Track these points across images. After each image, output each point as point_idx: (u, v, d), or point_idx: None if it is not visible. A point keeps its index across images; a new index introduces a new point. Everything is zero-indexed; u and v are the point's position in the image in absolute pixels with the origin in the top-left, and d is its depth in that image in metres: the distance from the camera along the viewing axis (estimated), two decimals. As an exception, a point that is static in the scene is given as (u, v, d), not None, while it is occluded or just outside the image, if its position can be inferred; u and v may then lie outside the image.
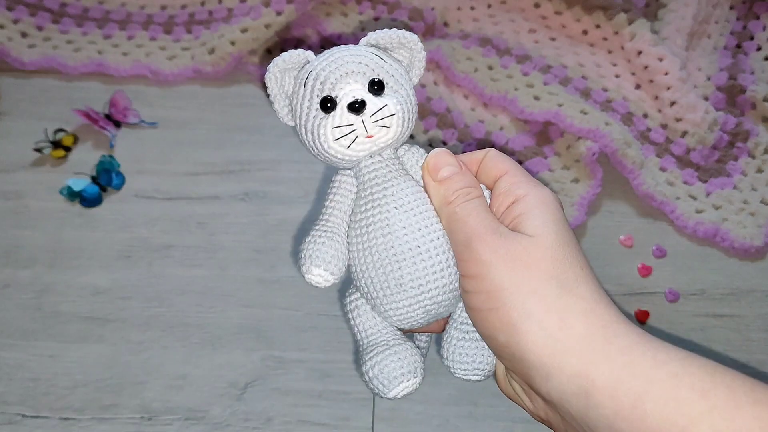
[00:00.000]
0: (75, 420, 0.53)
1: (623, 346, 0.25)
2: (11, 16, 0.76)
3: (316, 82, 0.30)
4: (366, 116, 0.29)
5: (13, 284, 0.59)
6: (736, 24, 0.82)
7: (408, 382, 0.31)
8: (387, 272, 0.30)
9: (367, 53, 0.31)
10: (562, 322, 0.26)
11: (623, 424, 0.24)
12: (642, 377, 0.24)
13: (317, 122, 0.30)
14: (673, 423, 0.23)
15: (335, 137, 0.29)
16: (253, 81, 0.75)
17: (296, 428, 0.53)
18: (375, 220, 0.31)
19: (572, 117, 0.68)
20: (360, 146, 0.30)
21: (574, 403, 0.25)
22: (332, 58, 0.31)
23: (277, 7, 0.75)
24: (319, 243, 0.31)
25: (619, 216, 0.67)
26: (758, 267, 0.63)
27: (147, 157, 0.68)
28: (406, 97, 0.30)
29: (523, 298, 0.27)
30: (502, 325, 0.27)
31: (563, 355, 0.26)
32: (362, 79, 0.30)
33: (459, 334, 0.32)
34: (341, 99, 0.29)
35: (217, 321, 0.58)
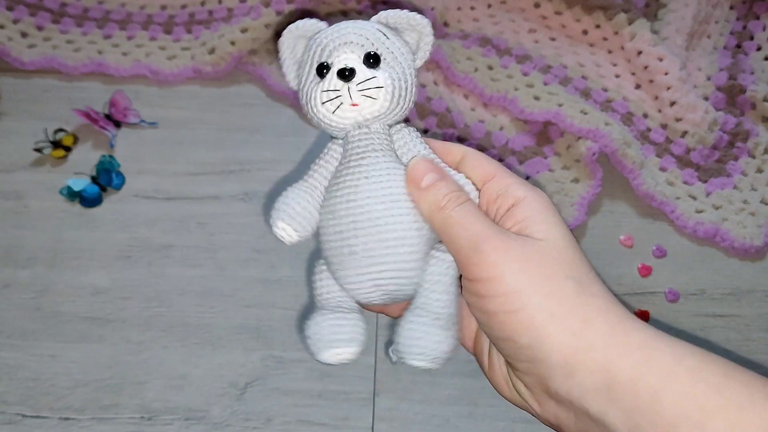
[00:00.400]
0: (75, 420, 0.53)
1: (642, 341, 0.26)
2: (11, 16, 0.76)
3: (317, 48, 0.31)
4: (353, 84, 0.30)
5: (13, 284, 0.59)
6: (736, 24, 0.82)
7: (341, 349, 0.31)
8: (343, 238, 0.31)
9: (371, 28, 0.31)
10: (584, 321, 0.26)
11: (641, 418, 0.24)
12: (661, 372, 0.25)
13: (312, 86, 0.31)
14: (689, 417, 0.23)
15: (323, 100, 0.30)
16: (253, 81, 0.75)
17: (296, 428, 0.53)
18: (343, 186, 0.31)
19: (572, 117, 0.68)
20: (345, 113, 0.30)
21: (594, 399, 0.25)
22: (337, 28, 0.31)
23: (277, 7, 0.75)
24: (290, 198, 0.32)
25: (619, 216, 0.67)
26: (758, 267, 0.63)
27: (147, 157, 0.68)
28: (401, 74, 0.31)
29: (544, 298, 0.27)
30: (524, 327, 0.27)
31: (586, 352, 0.26)
32: (358, 50, 0.30)
33: (410, 316, 0.31)
34: (334, 65, 0.30)
35: (217, 321, 0.58)
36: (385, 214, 0.30)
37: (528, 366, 0.28)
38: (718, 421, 0.23)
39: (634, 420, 0.24)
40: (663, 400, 0.24)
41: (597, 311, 0.27)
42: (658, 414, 0.24)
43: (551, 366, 0.26)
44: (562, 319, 0.26)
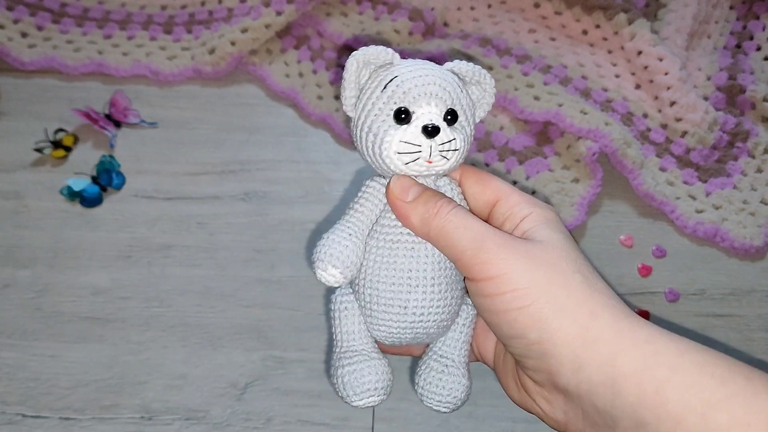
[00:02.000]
0: (75, 420, 0.53)
1: (647, 336, 0.26)
2: (11, 16, 0.76)
3: (398, 90, 0.30)
4: (435, 143, 0.29)
5: (13, 284, 0.59)
6: (736, 24, 0.82)
7: (375, 397, 0.32)
8: (396, 291, 0.31)
9: (452, 80, 0.30)
10: (592, 314, 0.27)
11: (646, 411, 0.24)
12: (666, 365, 0.25)
13: (385, 128, 0.30)
14: (693, 408, 0.24)
15: (399, 150, 0.29)
16: (253, 81, 0.75)
17: (296, 428, 0.53)
18: (403, 239, 0.31)
19: (572, 117, 0.68)
20: (416, 167, 0.30)
21: (602, 393, 0.26)
22: (419, 72, 0.30)
23: (277, 7, 0.75)
24: (341, 244, 0.31)
25: (619, 216, 0.67)
26: (758, 267, 0.63)
27: (147, 157, 0.68)
28: (469, 135, 0.31)
29: (552, 293, 0.27)
30: (533, 322, 0.27)
31: (594, 344, 0.26)
32: (442, 104, 0.30)
33: (437, 366, 0.33)
34: (417, 117, 0.29)
35: (217, 321, 0.58)
36: (440, 275, 0.31)
37: (537, 362, 0.28)
38: (722, 413, 0.23)
39: (639, 414, 0.25)
40: (667, 393, 0.24)
41: (603, 306, 0.27)
42: (662, 407, 0.24)
43: (560, 360, 0.27)
44: (570, 312, 0.27)
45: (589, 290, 0.27)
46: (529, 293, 0.27)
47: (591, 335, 0.26)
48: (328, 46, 0.77)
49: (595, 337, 0.26)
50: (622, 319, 0.27)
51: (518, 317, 0.27)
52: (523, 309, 0.27)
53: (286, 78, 0.74)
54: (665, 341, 0.26)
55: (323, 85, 0.74)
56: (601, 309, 0.27)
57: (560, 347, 0.27)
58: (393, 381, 0.33)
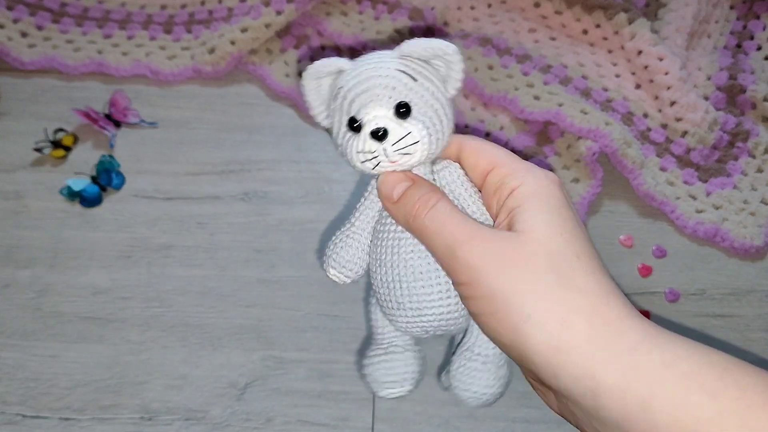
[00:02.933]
0: (75, 420, 0.53)
1: (629, 346, 0.24)
2: (11, 15, 0.76)
3: (345, 100, 0.30)
4: (387, 145, 0.29)
5: (13, 284, 0.59)
6: (736, 24, 0.82)
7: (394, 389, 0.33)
8: (390, 289, 0.32)
9: (396, 73, 0.30)
10: (563, 322, 0.25)
11: (632, 426, 0.24)
12: (650, 380, 0.23)
13: (346, 139, 0.30)
14: (683, 427, 0.22)
15: (360, 160, 0.30)
16: (253, 81, 0.75)
17: (296, 428, 0.53)
18: (389, 236, 0.32)
19: (572, 117, 0.68)
20: (383, 168, 0.30)
21: (583, 404, 0.25)
22: (361, 76, 0.30)
23: (277, 6, 0.75)
24: (339, 246, 0.33)
25: (619, 216, 0.67)
26: (758, 267, 0.63)
27: (147, 157, 0.68)
28: (434, 116, 0.30)
29: (520, 299, 0.26)
30: (503, 328, 0.27)
31: (567, 355, 0.25)
32: (387, 103, 0.29)
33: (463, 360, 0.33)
34: (365, 124, 0.29)
35: (217, 321, 0.58)
36: (427, 269, 0.31)
37: (520, 363, 0.28)
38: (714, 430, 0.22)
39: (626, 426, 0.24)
40: (654, 409, 0.23)
41: (578, 311, 0.25)
42: (650, 422, 0.23)
43: (536, 365, 0.26)
44: (538, 320, 0.26)
45: (563, 293, 0.26)
46: (494, 301, 0.26)
47: (563, 345, 0.25)
48: (328, 45, 0.77)
49: (568, 348, 0.25)
50: (599, 325, 0.25)
51: (490, 321, 0.27)
52: (493, 314, 0.27)
53: (286, 78, 0.74)
54: (648, 349, 0.24)
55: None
56: (574, 314, 0.25)
57: (533, 354, 0.26)
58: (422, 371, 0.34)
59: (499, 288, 0.26)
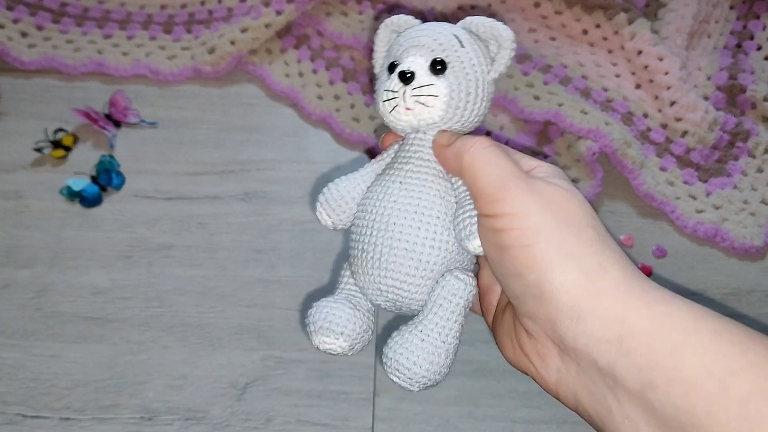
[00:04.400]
0: (75, 420, 0.53)
1: (661, 297, 0.25)
2: (11, 15, 0.76)
3: (394, 47, 0.32)
4: (409, 88, 0.30)
5: (13, 284, 0.59)
6: (736, 23, 0.82)
7: (329, 338, 0.31)
8: (361, 234, 0.31)
9: (447, 33, 0.31)
10: (601, 267, 0.26)
11: (656, 374, 0.23)
12: (682, 328, 0.24)
13: (381, 81, 0.32)
14: (711, 374, 0.22)
15: (383, 98, 0.31)
16: (253, 81, 0.75)
17: (296, 428, 0.53)
18: (380, 184, 0.32)
19: (572, 117, 0.68)
20: (401, 116, 0.31)
21: (604, 349, 0.25)
22: (417, 31, 0.32)
23: (277, 6, 0.75)
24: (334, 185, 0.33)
25: (619, 216, 0.67)
26: (758, 267, 0.63)
27: (147, 157, 0.68)
28: (466, 85, 0.30)
29: (563, 237, 0.26)
30: (534, 262, 0.26)
31: (599, 298, 0.25)
32: (427, 54, 0.30)
33: (410, 336, 0.30)
34: (400, 66, 0.31)
35: (217, 321, 0.58)
36: (401, 222, 0.30)
37: (534, 307, 0.27)
38: (742, 381, 0.22)
39: (648, 376, 0.23)
40: (683, 356, 0.23)
41: (614, 262, 0.26)
42: (676, 370, 0.23)
43: (558, 307, 0.26)
44: (577, 260, 0.26)
45: (601, 246, 0.27)
46: (536, 233, 0.27)
47: (597, 288, 0.25)
48: (328, 45, 0.77)
49: (602, 292, 0.25)
50: (633, 278, 0.26)
51: (520, 255, 0.27)
52: (527, 248, 0.27)
53: (286, 78, 0.74)
54: (679, 304, 0.25)
55: (323, 85, 0.74)
56: (611, 265, 0.26)
57: (559, 293, 0.26)
58: (365, 340, 0.32)
59: (544, 223, 0.27)
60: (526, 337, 0.29)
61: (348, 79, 0.74)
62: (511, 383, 0.55)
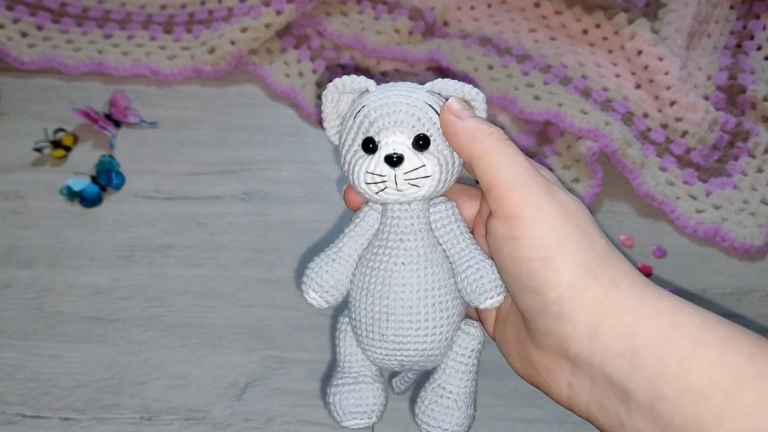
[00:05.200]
0: (75, 420, 0.53)
1: (670, 306, 0.25)
2: (11, 15, 0.76)
3: (365, 120, 0.30)
4: (399, 172, 0.29)
5: (13, 284, 0.59)
6: (736, 23, 0.82)
7: (360, 420, 0.33)
8: (374, 320, 0.31)
9: (423, 105, 0.30)
10: (613, 281, 0.25)
11: (666, 385, 0.23)
12: (689, 338, 0.24)
13: (356, 158, 0.30)
14: (719, 385, 0.22)
15: (366, 181, 0.29)
16: (253, 81, 0.75)
17: (296, 428, 0.53)
18: (381, 267, 0.31)
19: (572, 117, 0.68)
20: (389, 195, 0.30)
21: (618, 364, 0.24)
22: (388, 99, 0.30)
23: (277, 6, 0.75)
24: (323, 270, 0.32)
25: (619, 216, 0.67)
26: (758, 267, 0.63)
27: (147, 157, 0.68)
28: (449, 157, 0.30)
29: (581, 250, 0.26)
30: (556, 278, 0.25)
31: (614, 311, 0.25)
32: (409, 131, 0.29)
33: (432, 396, 0.33)
34: (382, 147, 0.29)
35: (217, 321, 0.58)
36: (418, 305, 0.31)
37: (551, 325, 0.26)
38: (750, 392, 0.22)
39: (659, 388, 0.23)
40: (691, 367, 0.23)
41: (624, 274, 0.26)
42: (685, 381, 0.23)
43: (575, 326, 0.25)
44: (595, 274, 0.25)
45: (611, 257, 0.26)
46: (557, 245, 0.26)
47: (611, 302, 0.25)
48: (328, 45, 0.77)
49: (616, 305, 0.25)
50: (643, 288, 0.25)
51: (540, 269, 0.26)
52: (548, 260, 0.26)
53: (286, 78, 0.74)
54: (688, 312, 0.24)
55: (323, 84, 0.74)
56: (621, 277, 0.26)
57: (579, 311, 0.25)
58: (386, 403, 0.34)
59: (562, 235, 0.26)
60: (535, 353, 0.28)
61: (348, 79, 0.74)
62: (511, 383, 0.55)
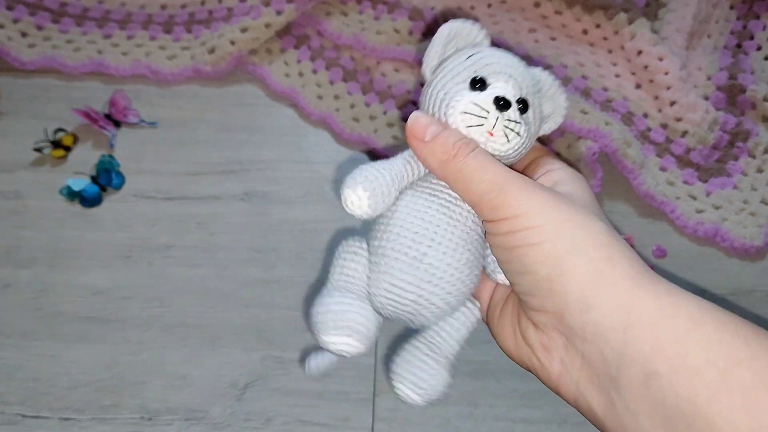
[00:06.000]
0: (75, 420, 0.53)
1: (668, 289, 0.25)
2: (11, 15, 0.76)
3: (481, 61, 0.30)
4: (502, 116, 0.29)
5: (13, 284, 0.59)
6: (736, 23, 0.82)
7: (339, 338, 0.29)
8: (402, 235, 0.30)
9: (529, 77, 0.31)
10: (610, 259, 0.26)
11: (660, 362, 0.23)
12: (687, 317, 0.24)
13: (458, 89, 0.30)
14: (714, 363, 0.23)
15: (466, 110, 0.29)
16: (253, 81, 0.75)
17: (296, 428, 0.53)
18: (429, 191, 0.31)
19: (572, 117, 0.68)
20: (477, 135, 0.30)
21: (611, 339, 0.25)
22: (505, 55, 0.31)
23: (277, 6, 0.75)
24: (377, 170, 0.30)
25: (619, 216, 0.67)
26: (758, 267, 0.63)
27: (147, 157, 0.68)
28: (532, 132, 0.31)
29: (570, 231, 0.27)
30: (545, 258, 0.26)
31: (608, 287, 0.25)
32: (518, 90, 0.30)
33: (424, 349, 0.32)
34: (493, 88, 0.30)
35: (217, 321, 0.58)
36: (465, 246, 0.30)
37: (543, 301, 0.27)
38: (745, 371, 0.22)
39: (653, 365, 0.24)
40: (688, 344, 0.23)
41: (622, 255, 0.26)
42: (680, 359, 0.23)
43: (567, 299, 0.26)
44: (585, 252, 0.26)
45: (610, 238, 0.27)
46: (543, 231, 0.27)
47: (605, 279, 0.26)
48: (328, 45, 0.77)
49: (610, 282, 0.25)
50: (641, 270, 0.26)
51: (529, 253, 0.27)
52: (536, 246, 0.27)
53: (286, 78, 0.74)
54: (685, 296, 0.25)
55: (323, 85, 0.74)
56: (619, 257, 0.26)
57: (570, 285, 0.26)
58: (373, 339, 0.30)
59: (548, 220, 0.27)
60: (532, 330, 0.29)
61: (348, 79, 0.74)
62: (511, 383, 0.55)
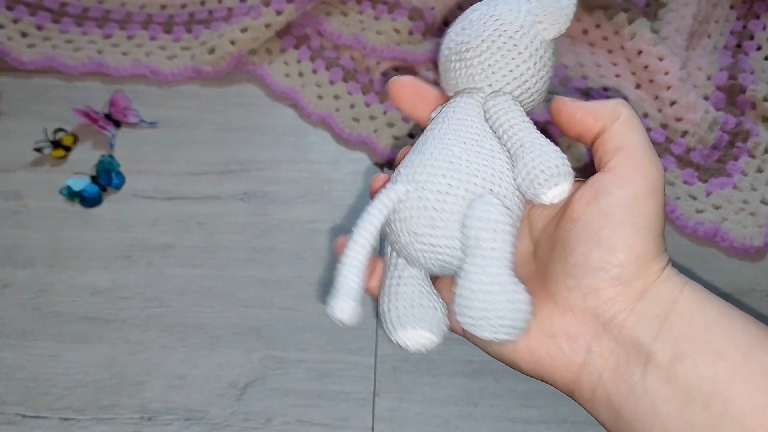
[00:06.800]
0: (75, 420, 0.53)
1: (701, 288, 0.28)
2: (11, 15, 0.76)
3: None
4: None
5: (12, 284, 0.59)
6: (736, 23, 0.82)
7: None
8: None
9: None
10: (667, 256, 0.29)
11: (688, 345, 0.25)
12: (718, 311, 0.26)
13: None
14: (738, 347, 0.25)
15: None
16: (253, 81, 0.75)
17: (296, 428, 0.53)
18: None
19: (572, 117, 0.68)
20: None
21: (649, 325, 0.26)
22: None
23: (277, 6, 0.75)
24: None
25: (619, 216, 0.67)
26: (758, 267, 0.63)
27: (147, 157, 0.68)
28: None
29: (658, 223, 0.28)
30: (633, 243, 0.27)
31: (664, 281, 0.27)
32: None
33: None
34: None
35: (217, 321, 0.58)
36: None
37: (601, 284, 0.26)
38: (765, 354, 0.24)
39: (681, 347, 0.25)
40: (715, 331, 0.25)
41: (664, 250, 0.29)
42: (707, 343, 0.25)
43: (628, 291, 0.27)
44: (663, 249, 0.28)
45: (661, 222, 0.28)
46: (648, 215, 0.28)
47: (664, 273, 0.27)
48: (328, 45, 0.77)
49: (665, 277, 0.27)
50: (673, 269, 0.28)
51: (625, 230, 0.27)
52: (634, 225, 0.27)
53: (286, 78, 0.74)
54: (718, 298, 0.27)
55: (323, 84, 0.74)
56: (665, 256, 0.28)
57: (636, 279, 0.27)
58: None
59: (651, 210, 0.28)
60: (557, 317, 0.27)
61: (348, 79, 0.74)
62: (511, 383, 0.55)
